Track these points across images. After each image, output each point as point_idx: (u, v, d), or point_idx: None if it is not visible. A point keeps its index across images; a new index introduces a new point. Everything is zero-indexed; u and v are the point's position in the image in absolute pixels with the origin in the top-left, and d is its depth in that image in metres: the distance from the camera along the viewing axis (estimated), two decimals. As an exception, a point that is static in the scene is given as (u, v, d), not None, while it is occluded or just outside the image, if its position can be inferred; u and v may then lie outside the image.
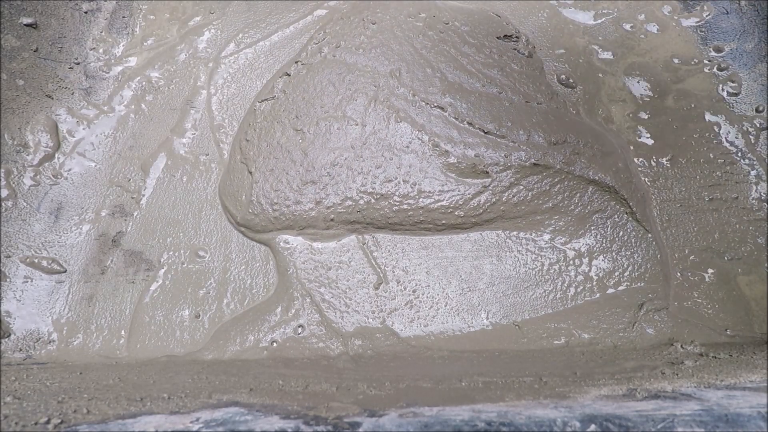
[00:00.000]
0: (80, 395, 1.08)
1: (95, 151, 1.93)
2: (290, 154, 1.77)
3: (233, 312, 1.64)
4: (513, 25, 2.12)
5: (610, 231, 1.71)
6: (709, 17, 2.18)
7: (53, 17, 2.09)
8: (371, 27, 2.02)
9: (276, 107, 1.90)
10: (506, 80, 1.91)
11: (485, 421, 0.85)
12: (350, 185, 1.70)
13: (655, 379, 1.14)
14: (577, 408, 0.91)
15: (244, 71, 2.13)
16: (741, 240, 1.72)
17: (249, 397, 1.07)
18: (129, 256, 1.73)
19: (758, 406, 0.86)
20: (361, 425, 0.87)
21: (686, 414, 0.85)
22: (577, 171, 1.70)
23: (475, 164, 1.70)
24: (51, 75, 2.00)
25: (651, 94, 2.01)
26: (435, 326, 1.60)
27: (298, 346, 1.56)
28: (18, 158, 1.84)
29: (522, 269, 1.67)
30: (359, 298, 1.63)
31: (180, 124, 1.99)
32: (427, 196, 1.69)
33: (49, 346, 1.58)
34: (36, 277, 1.68)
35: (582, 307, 1.61)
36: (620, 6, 2.23)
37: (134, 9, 2.29)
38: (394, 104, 1.81)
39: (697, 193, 1.80)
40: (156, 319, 1.62)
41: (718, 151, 1.88)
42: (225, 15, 2.28)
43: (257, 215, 1.72)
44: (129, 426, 0.90)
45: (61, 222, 1.78)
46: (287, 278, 1.66)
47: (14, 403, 1.03)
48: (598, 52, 2.12)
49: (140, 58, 2.16)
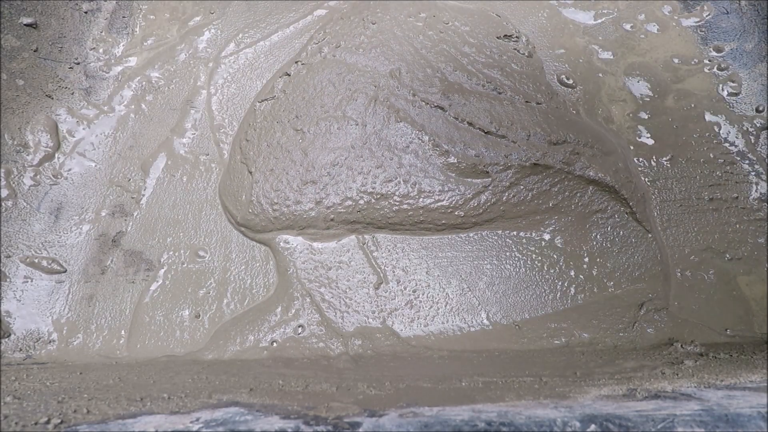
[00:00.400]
0: (80, 395, 1.08)
1: (95, 151, 1.93)
2: (290, 154, 1.77)
3: (233, 312, 1.64)
4: (513, 25, 2.12)
5: (611, 231, 1.71)
6: (709, 17, 2.18)
7: (53, 17, 2.09)
8: (371, 27, 2.02)
9: (276, 107, 1.90)
10: (506, 80, 1.91)
11: (485, 421, 0.85)
12: (350, 185, 1.70)
13: (655, 379, 1.14)
14: (577, 408, 0.91)
15: (244, 71, 2.13)
16: (741, 240, 1.72)
17: (249, 397, 1.07)
18: (129, 256, 1.73)
19: (758, 406, 0.86)
20: (361, 425, 0.87)
21: (686, 414, 0.85)
22: (577, 171, 1.70)
23: (475, 164, 1.70)
24: (51, 75, 2.00)
25: (651, 94, 2.01)
26: (435, 326, 1.60)
27: (298, 346, 1.56)
28: (18, 158, 1.84)
29: (522, 269, 1.67)
30: (359, 298, 1.63)
31: (180, 124, 1.99)
32: (427, 196, 1.69)
33: (49, 346, 1.58)
34: (36, 277, 1.68)
35: (582, 307, 1.61)
36: (620, 6, 2.23)
37: (134, 9, 2.29)
38: (394, 104, 1.81)
39: (697, 193, 1.80)
40: (156, 319, 1.62)
41: (718, 151, 1.88)
42: (225, 15, 2.28)
43: (257, 215, 1.72)
44: (129, 426, 0.90)
45: (61, 222, 1.78)
46: (287, 278, 1.66)
47: (14, 403, 1.03)
48: (598, 52, 2.12)
49: (140, 58, 2.16)
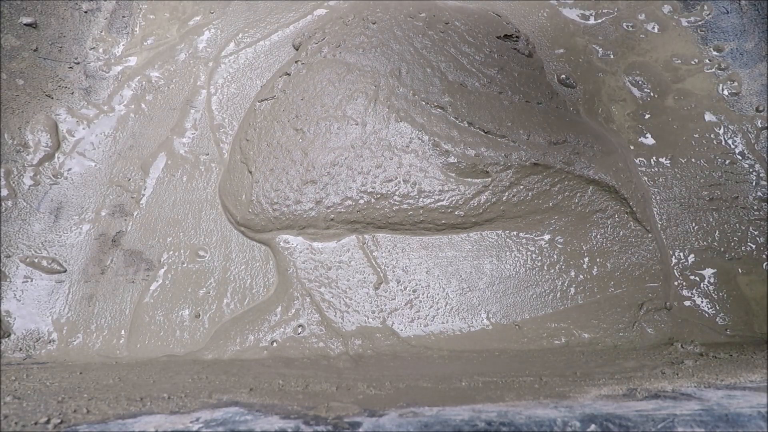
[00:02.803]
0: (80, 395, 1.08)
1: (95, 151, 1.93)
2: (290, 153, 1.77)
3: (233, 312, 1.64)
4: (513, 24, 2.11)
5: (611, 231, 1.71)
6: (710, 17, 2.18)
7: (53, 17, 2.09)
8: (371, 27, 2.02)
9: (276, 107, 1.90)
10: (506, 80, 1.91)
11: (485, 421, 0.85)
12: (350, 185, 1.70)
13: (655, 379, 1.14)
14: (577, 408, 0.91)
15: (244, 71, 2.12)
16: (741, 240, 1.72)
17: (249, 397, 1.07)
18: (129, 256, 1.73)
19: (758, 406, 0.86)
20: (361, 425, 0.87)
21: (686, 414, 0.85)
22: (577, 171, 1.70)
23: (475, 164, 1.69)
24: (51, 75, 2.00)
25: (651, 94, 2.01)
26: (435, 326, 1.60)
27: (298, 345, 1.56)
28: (18, 158, 1.84)
29: (522, 269, 1.67)
30: (359, 297, 1.63)
31: (180, 124, 1.99)
32: (427, 195, 1.69)
33: (49, 346, 1.58)
34: (36, 276, 1.68)
35: (582, 307, 1.61)
36: (620, 6, 2.23)
37: (134, 8, 2.29)
38: (394, 104, 1.81)
39: (697, 193, 1.80)
40: (156, 318, 1.62)
41: (718, 151, 1.88)
42: (225, 14, 2.28)
43: (257, 215, 1.72)
44: (129, 426, 0.90)
45: (61, 222, 1.78)
46: (287, 278, 1.66)
47: (14, 402, 1.03)
48: (598, 51, 2.12)
49: (140, 58, 2.16)
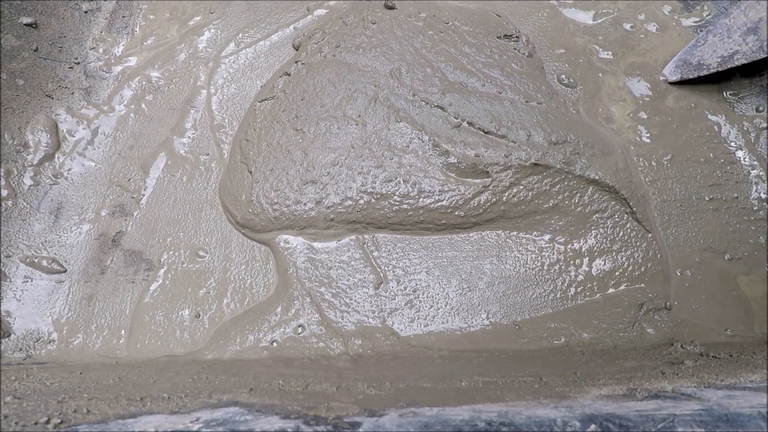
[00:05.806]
0: (80, 395, 1.08)
1: (95, 151, 1.93)
2: (290, 153, 1.77)
3: (233, 312, 1.64)
4: (513, 24, 2.11)
5: (611, 231, 1.71)
6: (709, 17, 2.18)
7: (53, 17, 2.09)
8: (371, 27, 2.02)
9: (276, 107, 1.90)
10: (506, 80, 1.91)
11: (485, 421, 0.85)
12: (350, 185, 1.70)
13: (655, 379, 1.14)
14: (577, 408, 0.91)
15: (244, 71, 2.12)
16: (741, 240, 1.72)
17: (249, 397, 1.07)
18: (129, 256, 1.73)
19: (758, 406, 0.86)
20: (361, 425, 0.87)
21: (686, 414, 0.85)
22: (577, 171, 1.70)
23: (475, 164, 1.69)
24: (51, 75, 2.00)
25: (651, 94, 2.01)
26: (435, 326, 1.60)
27: (298, 345, 1.56)
28: (18, 158, 1.84)
29: (522, 269, 1.67)
30: (359, 297, 1.63)
31: (180, 124, 1.99)
32: (427, 195, 1.69)
33: (49, 346, 1.58)
34: (36, 276, 1.68)
35: (582, 307, 1.61)
36: (620, 6, 2.23)
37: (134, 9, 2.29)
38: (394, 104, 1.81)
39: (697, 193, 1.80)
40: (156, 318, 1.62)
41: (718, 151, 1.88)
42: (225, 15, 2.28)
43: (257, 215, 1.72)
44: (129, 426, 0.90)
45: (61, 222, 1.78)
46: (287, 278, 1.66)
47: (14, 402, 1.03)
48: (598, 51, 2.12)
49: (140, 58, 2.16)
